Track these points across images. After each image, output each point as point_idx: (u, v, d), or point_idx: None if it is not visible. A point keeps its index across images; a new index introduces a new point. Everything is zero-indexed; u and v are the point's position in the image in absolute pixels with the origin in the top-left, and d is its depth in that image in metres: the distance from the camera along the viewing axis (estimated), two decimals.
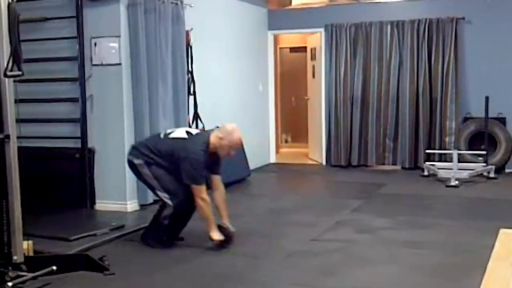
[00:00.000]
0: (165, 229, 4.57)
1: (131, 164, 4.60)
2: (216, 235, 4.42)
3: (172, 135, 4.57)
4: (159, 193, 4.52)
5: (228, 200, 6.40)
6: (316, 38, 9.08)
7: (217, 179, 4.64)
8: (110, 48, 5.77)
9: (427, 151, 8.12)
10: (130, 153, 4.65)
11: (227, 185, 6.97)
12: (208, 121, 6.93)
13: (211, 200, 4.53)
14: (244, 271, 4.05)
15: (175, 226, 4.61)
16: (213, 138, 4.45)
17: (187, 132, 4.58)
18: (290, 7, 9.42)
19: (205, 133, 4.65)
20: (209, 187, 4.58)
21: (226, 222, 4.57)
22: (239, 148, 4.57)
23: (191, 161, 4.31)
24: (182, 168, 4.34)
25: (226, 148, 4.46)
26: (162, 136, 4.65)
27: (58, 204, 5.83)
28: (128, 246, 4.66)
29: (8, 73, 3.47)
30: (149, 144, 4.61)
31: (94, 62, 5.82)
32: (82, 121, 5.82)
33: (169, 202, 4.47)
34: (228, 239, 4.48)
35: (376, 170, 8.44)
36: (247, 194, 6.98)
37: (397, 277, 3.91)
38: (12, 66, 3.46)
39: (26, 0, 5.13)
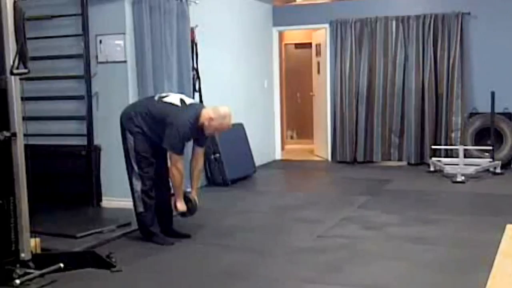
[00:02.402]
0: (145, 217, 4.58)
1: (121, 125, 4.65)
2: (180, 206, 4.55)
3: (165, 99, 4.58)
4: (132, 169, 4.55)
5: (234, 196, 6.43)
6: (321, 34, 9.06)
7: (199, 151, 4.69)
8: (115, 45, 5.77)
9: (433, 146, 8.11)
10: (123, 117, 4.66)
11: (233, 181, 7.04)
12: None
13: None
14: (250, 267, 4.06)
15: (152, 209, 4.59)
16: (204, 115, 4.47)
17: (181, 100, 4.57)
18: (294, 3, 9.41)
19: (197, 106, 4.66)
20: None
21: (194, 195, 4.67)
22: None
23: (175, 130, 4.37)
24: (166, 133, 4.40)
25: (213, 129, 4.53)
26: (156, 98, 4.67)
27: (65, 202, 5.84)
28: (134, 243, 4.67)
29: (14, 71, 3.48)
30: (141, 106, 4.65)
31: (99, 60, 5.83)
32: (88, 118, 5.83)
33: (137, 181, 4.52)
34: (190, 211, 4.63)
35: (382, 166, 8.43)
36: (252, 191, 6.98)
37: (403, 273, 3.91)
38: (18, 64, 3.47)
39: None
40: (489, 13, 8.02)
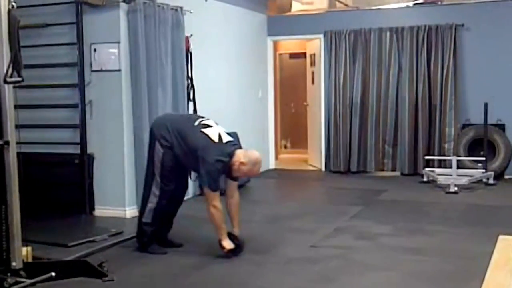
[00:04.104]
0: (149, 228, 4.56)
1: (152, 133, 4.56)
2: (227, 244, 4.39)
3: (205, 130, 4.41)
4: (154, 178, 4.48)
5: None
6: (315, 44, 9.10)
7: (233, 186, 4.57)
8: (110, 54, 5.78)
9: (426, 157, 8.13)
10: (156, 126, 4.56)
11: (226, 191, 7.01)
12: None
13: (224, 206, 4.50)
14: (243, 278, 4.05)
15: (158, 222, 4.57)
16: (237, 156, 4.34)
17: (219, 135, 4.40)
18: (289, 13, 9.44)
19: (233, 145, 4.46)
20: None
21: (237, 231, 4.53)
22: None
23: (209, 167, 4.26)
24: (200, 169, 4.32)
25: (241, 173, 4.42)
26: (196, 123, 4.49)
27: (57, 210, 5.82)
28: (127, 252, 4.65)
29: (8, 79, 3.47)
30: (178, 124, 4.51)
31: (93, 68, 5.83)
32: (82, 127, 5.83)
33: (156, 192, 4.47)
34: (238, 247, 4.45)
35: (375, 176, 8.44)
36: (246, 200, 6.92)
37: (396, 283, 3.91)
38: (12, 72, 3.47)
39: (26, 6, 5.12)
40: (483, 25, 8.07)
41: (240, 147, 4.48)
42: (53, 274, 3.70)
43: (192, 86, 6.70)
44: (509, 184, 7.66)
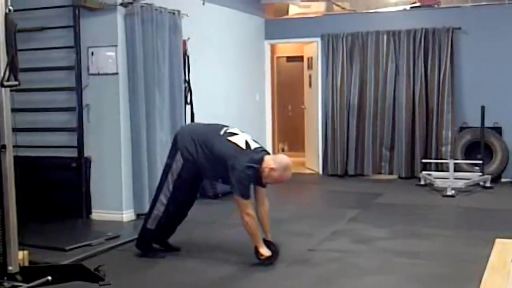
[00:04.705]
0: (151, 235, 4.55)
1: (175, 142, 4.49)
2: (265, 251, 4.33)
3: (231, 138, 4.37)
4: (165, 187, 4.44)
5: (224, 209, 6.38)
6: (312, 48, 9.11)
7: (262, 192, 4.50)
8: (107, 57, 5.78)
9: (424, 160, 8.14)
10: (180, 136, 4.48)
11: (223, 194, 7.02)
12: None
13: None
14: (241, 281, 4.04)
15: (162, 230, 4.57)
16: (266, 162, 4.27)
17: (246, 142, 4.35)
18: (286, 16, 9.46)
19: (262, 151, 4.37)
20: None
21: (270, 237, 4.49)
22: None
23: (239, 175, 4.19)
24: (230, 178, 4.25)
25: (272, 180, 4.34)
26: (222, 132, 4.42)
27: (54, 214, 5.81)
28: (124, 256, 4.64)
29: (5, 83, 3.46)
30: (204, 136, 4.42)
31: (91, 72, 5.83)
32: (79, 130, 5.82)
33: (163, 200, 4.44)
34: (275, 254, 4.40)
35: (373, 180, 8.45)
36: None
37: (393, 287, 3.90)
38: (9, 76, 3.46)
39: (23, 10, 5.12)
40: (479, 28, 8.09)
41: (268, 153, 4.41)
42: (50, 278, 3.69)
43: (190, 89, 6.70)
44: (506, 187, 7.67)
